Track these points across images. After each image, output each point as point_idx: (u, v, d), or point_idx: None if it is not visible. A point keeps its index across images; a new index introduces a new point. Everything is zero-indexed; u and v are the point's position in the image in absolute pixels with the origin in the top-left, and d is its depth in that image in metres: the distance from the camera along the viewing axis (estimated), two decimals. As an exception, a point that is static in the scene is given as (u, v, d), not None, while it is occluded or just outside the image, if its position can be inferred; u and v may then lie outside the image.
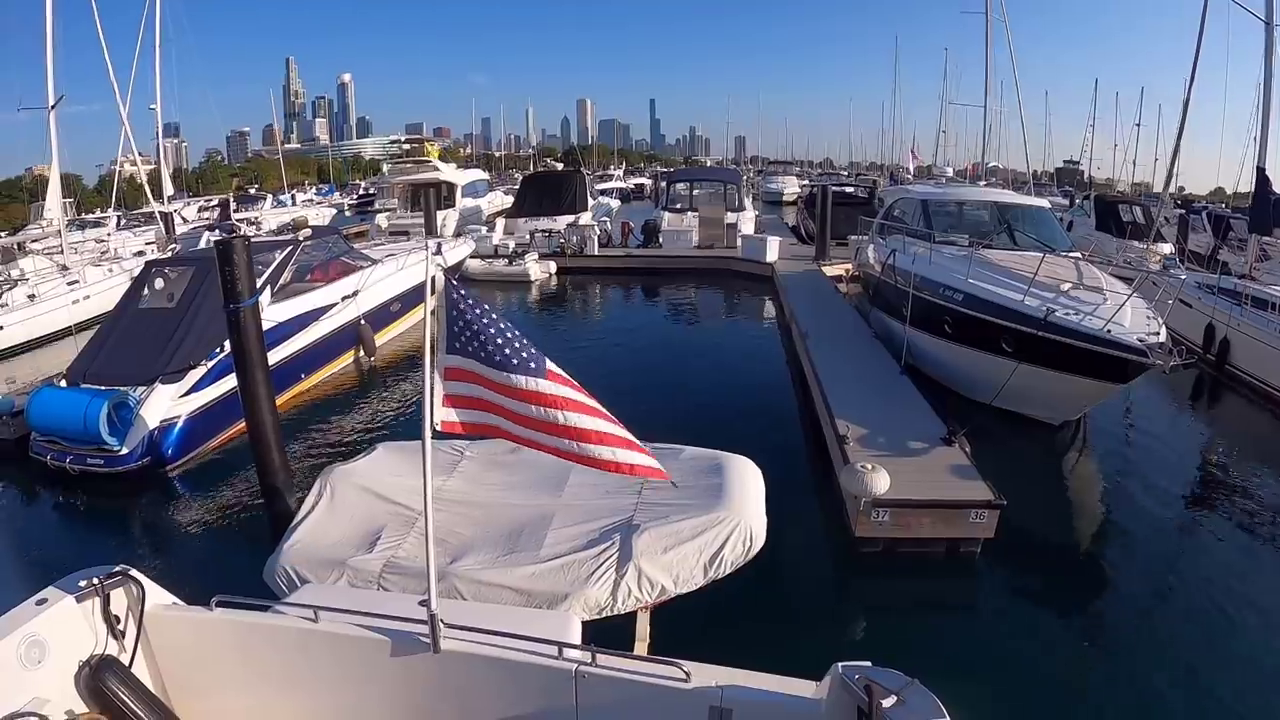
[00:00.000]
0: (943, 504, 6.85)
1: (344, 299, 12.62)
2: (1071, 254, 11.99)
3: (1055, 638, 6.21)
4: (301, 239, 12.70)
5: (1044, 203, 14.89)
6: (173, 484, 9.16)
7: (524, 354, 3.22)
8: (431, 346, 3.27)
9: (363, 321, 13.03)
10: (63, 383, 9.73)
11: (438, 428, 3.30)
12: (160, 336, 9.91)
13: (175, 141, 35.61)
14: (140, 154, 33.65)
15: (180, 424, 9.31)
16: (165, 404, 9.24)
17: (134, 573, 3.38)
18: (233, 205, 38.85)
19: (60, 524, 8.85)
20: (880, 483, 6.54)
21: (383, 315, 13.79)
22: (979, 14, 31.80)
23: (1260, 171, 14.99)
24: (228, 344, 9.58)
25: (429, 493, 3.19)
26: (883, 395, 9.67)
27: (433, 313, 3.27)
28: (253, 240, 8.22)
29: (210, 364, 9.74)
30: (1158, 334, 8.40)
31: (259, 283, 9.18)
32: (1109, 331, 8.24)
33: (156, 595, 3.47)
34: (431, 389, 3.28)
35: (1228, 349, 13.18)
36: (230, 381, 9.66)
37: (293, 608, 3.43)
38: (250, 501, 8.44)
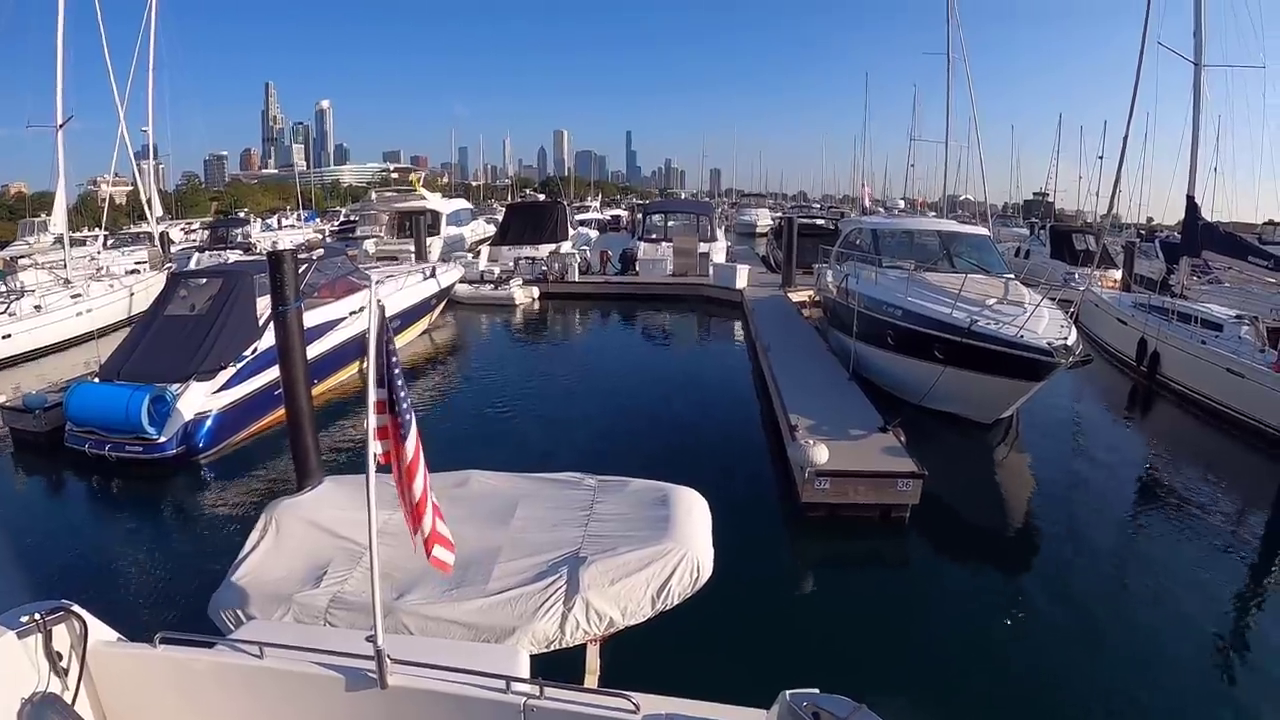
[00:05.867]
0: (874, 474, 8.25)
1: (351, 314, 13.72)
2: (1005, 276, 13.52)
3: (974, 589, 7.57)
4: (314, 258, 13.89)
5: (984, 231, 16.54)
6: (203, 470, 10.24)
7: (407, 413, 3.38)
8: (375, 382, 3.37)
9: (368, 336, 14.06)
10: (96, 380, 10.76)
11: (379, 460, 3.36)
12: (191, 340, 11.01)
13: (155, 163, 36.26)
14: (117, 175, 34.25)
15: (212, 417, 10.40)
16: (199, 399, 10.32)
17: (76, 608, 3.37)
18: (252, 223, 39.73)
19: (93, 508, 9.83)
20: (820, 454, 7.95)
21: (384, 330, 14.91)
22: (940, 55, 33.93)
23: (1190, 200, 16.39)
24: (256, 346, 10.95)
25: (374, 527, 3.23)
26: (831, 396, 11.04)
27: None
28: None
29: (239, 365, 10.84)
30: (1066, 338, 9.89)
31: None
32: (1021, 337, 9.74)
33: (99, 631, 3.44)
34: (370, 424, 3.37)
35: (1158, 361, 14.63)
36: (255, 381, 10.92)
37: (238, 644, 3.39)
38: (274, 485, 9.51)
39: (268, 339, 10.62)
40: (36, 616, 3.21)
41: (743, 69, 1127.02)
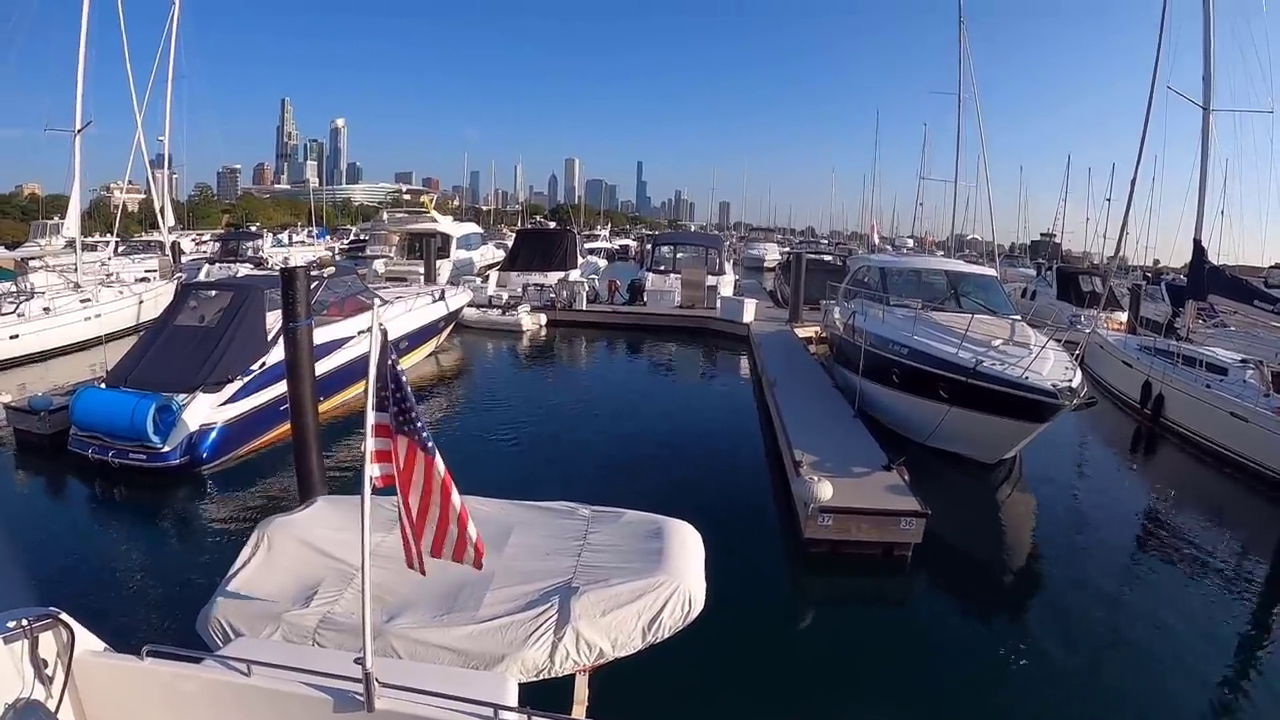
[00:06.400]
0: (877, 512, 8.23)
1: (359, 333, 13.68)
2: (1011, 316, 13.56)
3: (976, 629, 7.55)
4: (326, 276, 13.98)
5: (991, 271, 16.61)
6: (206, 482, 10.21)
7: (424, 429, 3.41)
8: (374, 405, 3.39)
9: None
10: (102, 386, 10.79)
11: (375, 484, 3.41)
12: (200, 350, 11.08)
13: (169, 172, 36.70)
14: (130, 182, 34.49)
15: (217, 429, 10.39)
16: (205, 411, 10.34)
17: (64, 616, 3.36)
18: (264, 238, 40.32)
19: (93, 514, 9.86)
20: (825, 491, 7.93)
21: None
22: (951, 94, 34.35)
23: (1197, 244, 16.49)
24: (264, 360, 10.99)
25: (367, 549, 3.26)
26: (836, 433, 11.03)
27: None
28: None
29: (246, 379, 10.85)
30: (1071, 381, 9.91)
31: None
32: (1026, 378, 9.75)
33: (87, 641, 3.43)
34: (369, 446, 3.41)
35: (1162, 404, 14.66)
36: (262, 396, 10.93)
37: (225, 660, 3.38)
38: (275, 501, 9.49)
39: (276, 354, 10.66)
40: (24, 623, 3.20)
41: (755, 102, 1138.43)
